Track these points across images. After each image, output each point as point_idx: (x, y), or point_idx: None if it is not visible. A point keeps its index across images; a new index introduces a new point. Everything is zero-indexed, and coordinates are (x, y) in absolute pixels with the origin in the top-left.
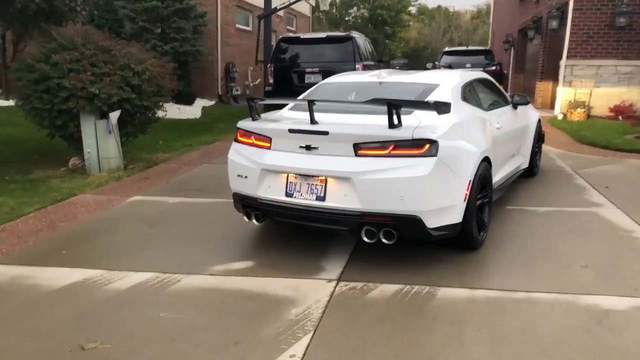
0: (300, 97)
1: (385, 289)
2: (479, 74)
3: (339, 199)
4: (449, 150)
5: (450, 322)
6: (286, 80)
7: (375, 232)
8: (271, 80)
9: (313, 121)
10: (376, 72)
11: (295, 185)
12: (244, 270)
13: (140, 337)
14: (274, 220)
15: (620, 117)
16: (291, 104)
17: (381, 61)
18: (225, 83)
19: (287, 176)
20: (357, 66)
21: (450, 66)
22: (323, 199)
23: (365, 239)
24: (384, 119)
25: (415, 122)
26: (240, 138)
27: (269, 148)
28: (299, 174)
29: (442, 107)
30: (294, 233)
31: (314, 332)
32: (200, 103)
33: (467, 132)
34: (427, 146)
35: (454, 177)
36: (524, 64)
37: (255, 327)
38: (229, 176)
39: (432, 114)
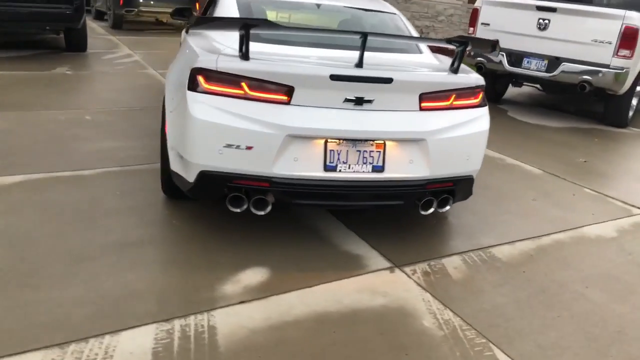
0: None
1: (450, 262)
2: None
3: (402, 167)
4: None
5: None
6: None
7: (433, 200)
8: None
9: (361, 63)
10: None
11: (339, 154)
12: (268, 287)
13: None
14: (296, 206)
15: None
16: (267, 31)
17: None
18: None
19: (326, 142)
20: None
21: None
22: (382, 169)
23: (422, 212)
24: (407, 57)
25: (449, 65)
26: (208, 85)
27: (287, 102)
28: (346, 139)
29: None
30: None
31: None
32: None
33: None
34: (480, 94)
35: None
36: None
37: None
38: (190, 145)
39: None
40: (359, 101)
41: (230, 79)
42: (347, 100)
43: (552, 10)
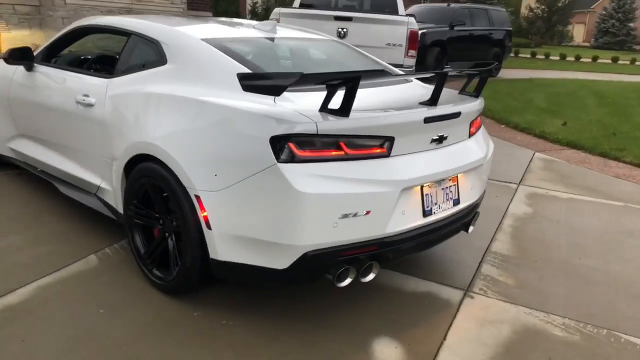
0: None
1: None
2: None
3: (468, 195)
4: None
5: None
6: None
7: (473, 219)
8: None
9: (436, 101)
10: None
11: (432, 197)
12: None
13: None
14: (392, 262)
15: None
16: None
17: None
18: None
19: (422, 188)
20: None
21: None
22: (458, 201)
23: (466, 231)
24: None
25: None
26: (303, 153)
27: (388, 155)
28: (435, 181)
29: None
30: None
31: None
32: None
33: None
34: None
35: None
36: None
37: None
38: (294, 226)
39: None
40: (441, 140)
41: (328, 141)
42: (432, 140)
43: (349, 19)
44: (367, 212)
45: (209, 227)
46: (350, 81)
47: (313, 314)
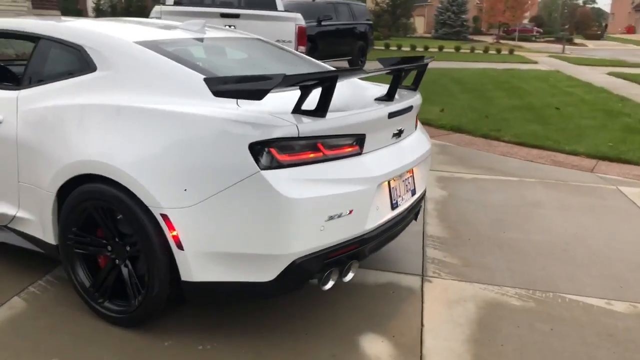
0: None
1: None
2: None
3: (420, 184)
4: None
5: None
6: None
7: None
8: None
9: (392, 96)
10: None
11: (397, 190)
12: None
13: None
14: (366, 258)
15: None
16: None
17: None
18: None
19: (389, 183)
20: None
21: None
22: (415, 191)
23: (414, 220)
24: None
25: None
26: (284, 158)
27: (360, 152)
28: (399, 174)
29: None
30: None
31: None
32: None
33: None
34: None
35: None
36: None
37: None
38: (281, 235)
39: None
40: (400, 133)
41: (308, 143)
42: (393, 135)
43: (236, 16)
44: (350, 212)
45: (180, 248)
46: (327, 80)
47: (291, 323)
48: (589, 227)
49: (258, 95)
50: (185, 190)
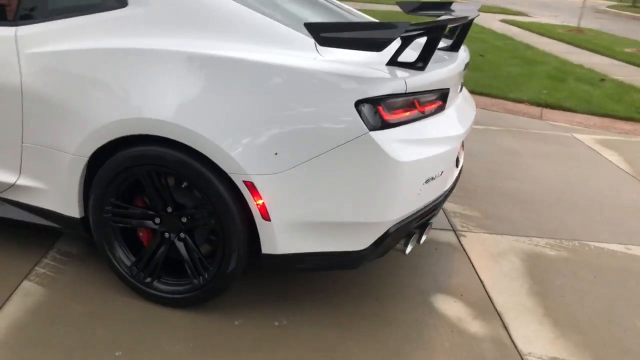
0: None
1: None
2: None
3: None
4: None
5: None
6: None
7: None
8: None
9: (459, 45)
10: None
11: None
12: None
13: None
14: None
15: None
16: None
17: None
18: None
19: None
20: None
21: None
22: (463, 147)
23: None
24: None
25: None
26: (389, 117)
27: (443, 108)
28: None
29: None
30: None
31: None
32: None
33: None
34: None
35: None
36: None
37: None
38: (385, 201)
39: None
40: (461, 88)
41: (408, 100)
42: (459, 90)
43: None
44: (442, 173)
45: (266, 219)
46: (433, 31)
47: (358, 290)
48: (569, 174)
49: (379, 45)
50: (276, 154)
